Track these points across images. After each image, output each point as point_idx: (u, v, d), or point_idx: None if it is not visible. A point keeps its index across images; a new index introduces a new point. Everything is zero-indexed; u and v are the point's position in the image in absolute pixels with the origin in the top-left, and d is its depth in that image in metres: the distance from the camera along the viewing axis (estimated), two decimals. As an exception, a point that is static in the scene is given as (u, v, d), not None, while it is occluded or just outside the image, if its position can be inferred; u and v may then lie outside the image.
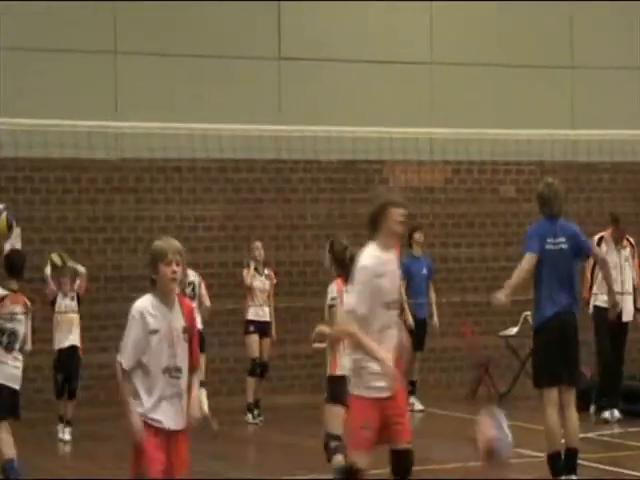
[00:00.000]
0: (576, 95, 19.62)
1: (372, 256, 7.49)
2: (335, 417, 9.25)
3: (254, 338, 14.88)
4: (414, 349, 15.62)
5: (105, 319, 15.79)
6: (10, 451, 9.65)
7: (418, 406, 15.93)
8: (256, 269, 15.08)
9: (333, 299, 9.18)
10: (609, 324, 13.92)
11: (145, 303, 6.58)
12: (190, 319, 6.79)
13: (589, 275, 14.43)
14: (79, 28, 16.78)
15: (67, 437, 14.22)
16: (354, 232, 15.05)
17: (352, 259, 8.80)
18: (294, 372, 17.30)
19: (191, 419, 6.60)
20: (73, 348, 14.27)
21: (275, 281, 15.55)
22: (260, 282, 15.09)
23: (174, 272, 6.50)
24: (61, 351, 14.23)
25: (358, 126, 15.31)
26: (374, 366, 7.33)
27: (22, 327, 9.91)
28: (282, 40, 18.19)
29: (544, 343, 9.82)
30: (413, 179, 18.13)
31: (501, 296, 9.43)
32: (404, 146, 15.30)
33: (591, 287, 14.51)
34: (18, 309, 9.92)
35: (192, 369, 6.74)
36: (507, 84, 19.16)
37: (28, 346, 10.11)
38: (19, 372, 9.88)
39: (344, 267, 9.17)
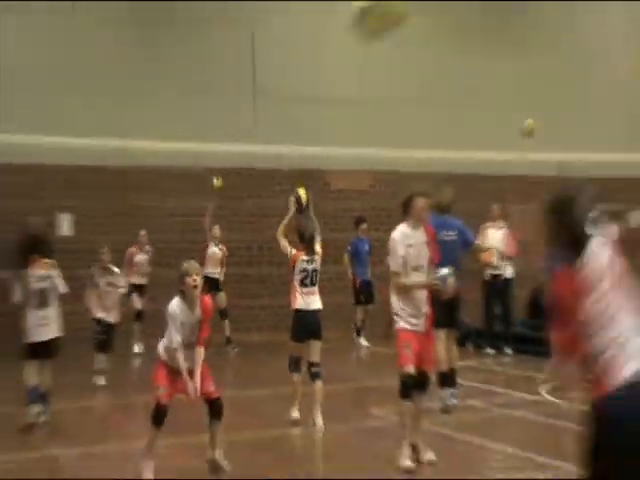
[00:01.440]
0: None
1: (401, 232, 7.70)
2: (295, 348, 9.61)
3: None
4: (367, 303, 16.36)
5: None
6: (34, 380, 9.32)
7: (365, 343, 16.31)
8: (214, 244, 15.46)
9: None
10: (494, 284, 14.82)
11: (176, 305, 7.40)
12: (205, 312, 7.50)
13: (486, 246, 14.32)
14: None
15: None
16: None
17: (311, 236, 9.51)
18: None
19: (191, 394, 7.29)
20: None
21: (227, 253, 15.69)
22: (212, 251, 15.45)
23: (195, 280, 7.33)
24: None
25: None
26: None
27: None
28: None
29: (437, 299, 9.25)
30: (348, 184, 18.26)
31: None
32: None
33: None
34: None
35: (199, 343, 7.40)
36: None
37: None
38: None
39: (304, 241, 9.50)
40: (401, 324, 7.66)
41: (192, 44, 17.23)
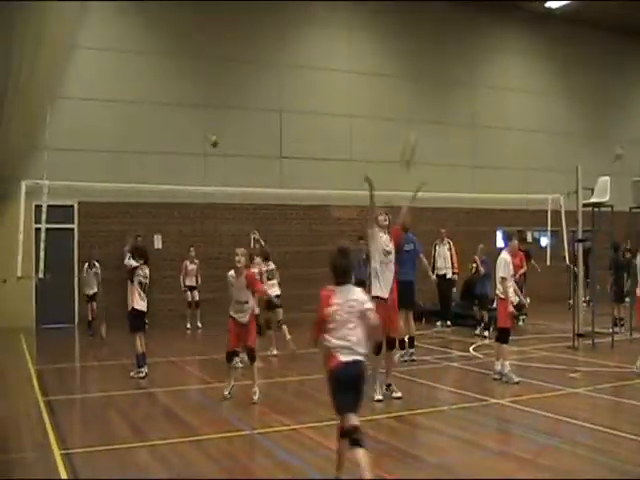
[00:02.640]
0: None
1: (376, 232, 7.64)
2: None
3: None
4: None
5: None
6: (141, 348, 9.04)
7: None
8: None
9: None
10: (441, 281, 14.19)
11: (230, 273, 7.74)
12: (249, 279, 7.66)
13: (432, 260, 14.30)
14: None
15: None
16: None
17: (266, 254, 10.57)
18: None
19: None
20: None
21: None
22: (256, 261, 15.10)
23: (239, 262, 7.65)
24: None
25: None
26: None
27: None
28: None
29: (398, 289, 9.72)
30: (343, 213, 17.86)
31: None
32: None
33: (434, 267, 14.20)
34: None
35: (255, 295, 7.71)
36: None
37: None
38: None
39: (266, 254, 10.60)
40: (376, 292, 7.41)
41: (244, 127, 17.20)
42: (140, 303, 9.09)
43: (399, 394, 7.80)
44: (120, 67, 16.18)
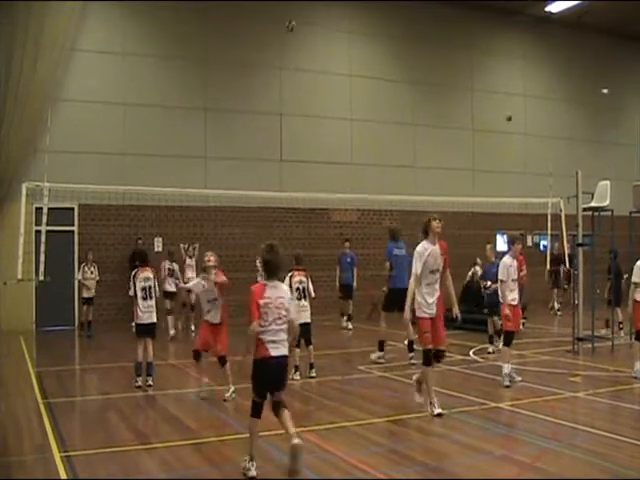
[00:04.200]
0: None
1: (422, 246, 7.08)
2: None
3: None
4: (347, 298, 15.21)
5: None
6: (140, 357, 8.58)
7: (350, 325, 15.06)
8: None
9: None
10: None
11: (198, 280, 7.96)
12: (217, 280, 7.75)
13: None
14: None
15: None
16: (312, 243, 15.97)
17: (298, 257, 9.24)
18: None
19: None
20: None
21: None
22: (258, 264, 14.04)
23: (209, 260, 7.86)
24: None
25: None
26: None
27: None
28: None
29: (392, 297, 9.74)
30: (342, 216, 18.10)
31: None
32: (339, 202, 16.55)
33: None
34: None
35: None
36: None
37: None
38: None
39: (299, 262, 9.18)
40: (421, 314, 7.04)
41: (244, 130, 17.28)
42: (140, 316, 8.67)
43: (420, 399, 7.50)
44: (121, 70, 16.26)
